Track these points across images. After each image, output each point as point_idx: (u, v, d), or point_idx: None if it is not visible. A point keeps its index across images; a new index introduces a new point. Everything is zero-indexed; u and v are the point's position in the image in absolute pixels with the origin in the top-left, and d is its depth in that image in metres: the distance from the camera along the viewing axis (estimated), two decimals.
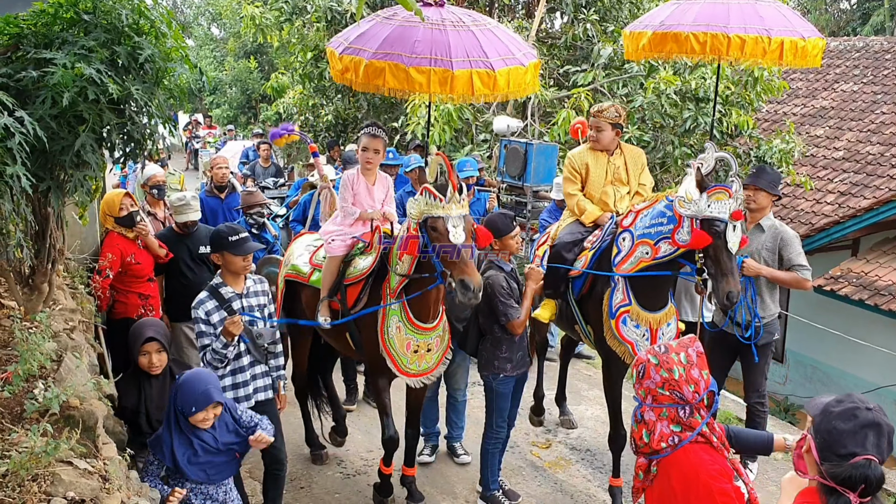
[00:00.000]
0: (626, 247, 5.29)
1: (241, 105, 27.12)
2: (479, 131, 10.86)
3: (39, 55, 3.41)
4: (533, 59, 5.85)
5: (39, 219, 3.94)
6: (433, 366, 5.27)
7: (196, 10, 34.36)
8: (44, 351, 3.62)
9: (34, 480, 2.77)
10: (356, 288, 5.29)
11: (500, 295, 5.12)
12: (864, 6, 29.25)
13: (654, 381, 2.95)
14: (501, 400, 5.43)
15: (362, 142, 5.48)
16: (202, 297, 4.64)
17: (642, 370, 3.00)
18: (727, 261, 4.76)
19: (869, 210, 11.35)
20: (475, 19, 5.80)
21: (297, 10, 12.51)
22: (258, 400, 4.81)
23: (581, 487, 6.07)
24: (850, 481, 2.33)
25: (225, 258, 4.66)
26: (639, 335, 5.32)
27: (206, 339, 4.60)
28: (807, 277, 5.65)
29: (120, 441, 3.85)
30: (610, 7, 11.53)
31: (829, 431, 2.40)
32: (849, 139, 13.89)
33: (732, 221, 4.74)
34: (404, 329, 5.07)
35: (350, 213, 5.46)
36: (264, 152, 13.59)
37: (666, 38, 6.16)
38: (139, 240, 6.09)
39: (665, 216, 5.04)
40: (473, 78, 5.42)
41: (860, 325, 10.73)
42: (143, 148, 3.92)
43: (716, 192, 4.78)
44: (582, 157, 5.91)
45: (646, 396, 2.99)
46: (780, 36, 5.89)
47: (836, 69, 16.40)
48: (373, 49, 5.50)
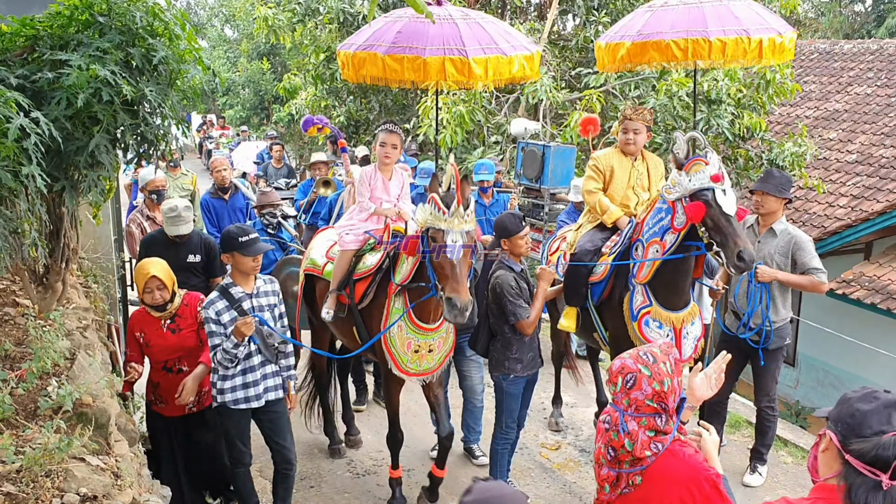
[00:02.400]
0: (640, 255, 5.32)
1: (253, 106, 27.22)
2: (490, 133, 10.86)
3: (55, 57, 3.44)
4: (524, 51, 5.95)
5: (54, 218, 3.99)
6: (434, 367, 5.29)
7: (210, 11, 34.51)
8: (57, 349, 3.66)
9: (48, 476, 2.80)
10: (364, 283, 5.36)
11: (510, 295, 5.10)
12: (878, 8, 29.07)
13: (645, 393, 2.83)
14: (511, 400, 5.43)
15: (380, 137, 5.53)
16: (213, 297, 4.68)
17: (632, 380, 2.86)
18: (727, 224, 4.78)
19: (882, 214, 11.31)
20: (466, 14, 5.96)
21: (309, 11, 12.56)
22: (268, 400, 4.85)
23: (590, 489, 6.07)
24: (879, 461, 2.20)
25: (235, 258, 4.68)
26: (662, 335, 5.30)
27: (217, 338, 4.63)
28: (822, 280, 5.62)
29: (132, 438, 3.88)
30: (622, 10, 11.50)
31: (852, 415, 2.31)
32: (862, 142, 13.81)
33: (717, 185, 4.80)
34: (406, 328, 5.11)
35: (366, 207, 5.53)
36: (277, 153, 13.68)
37: (646, 46, 6.18)
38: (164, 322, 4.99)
39: (662, 210, 5.14)
40: (446, 65, 5.60)
41: (872, 329, 10.68)
42: (156, 148, 3.96)
43: (693, 166, 4.89)
44: (608, 160, 5.88)
45: (629, 406, 2.87)
46: (759, 35, 5.95)
47: (850, 72, 16.30)
48: (360, 42, 5.93)
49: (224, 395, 4.76)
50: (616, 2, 11.49)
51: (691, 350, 5.46)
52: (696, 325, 5.46)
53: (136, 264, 5.47)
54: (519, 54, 5.88)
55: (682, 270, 5.23)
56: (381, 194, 5.56)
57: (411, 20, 5.80)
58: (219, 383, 4.76)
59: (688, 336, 5.38)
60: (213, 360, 4.67)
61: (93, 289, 5.67)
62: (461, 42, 5.68)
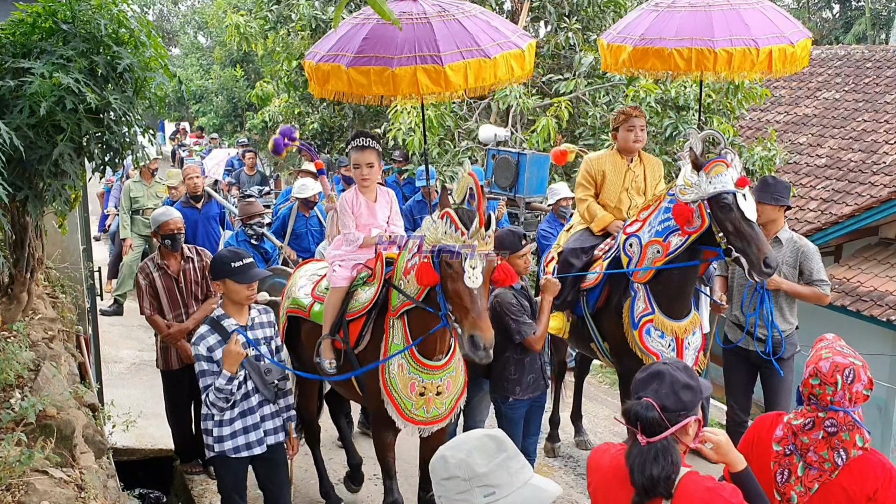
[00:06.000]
0: (636, 252, 5.03)
1: (227, 113, 27.05)
2: (461, 138, 10.86)
3: (17, 64, 3.42)
4: (512, 47, 5.08)
5: (17, 228, 3.94)
6: (445, 413, 4.46)
7: (183, 18, 34.27)
8: (21, 360, 3.62)
9: (8, 490, 2.76)
10: (359, 323, 4.54)
11: (511, 313, 4.74)
12: (846, 15, 29.52)
13: (863, 383, 2.88)
14: (511, 426, 4.95)
15: (352, 158, 4.78)
16: (202, 331, 4.21)
17: (851, 374, 2.87)
18: (750, 229, 4.53)
19: (851, 217, 11.49)
20: (443, 10, 5.06)
21: (281, 18, 12.53)
22: (269, 444, 4.38)
23: (563, 493, 6.07)
24: (628, 418, 2.59)
25: (227, 286, 4.21)
26: (664, 345, 5.06)
27: (208, 378, 4.14)
28: (826, 293, 5.43)
29: (99, 450, 3.84)
30: (593, 16, 11.58)
31: (633, 385, 2.68)
32: (831, 146, 14.01)
33: (739, 189, 4.54)
34: (407, 367, 4.30)
35: (353, 239, 4.74)
36: (249, 160, 13.62)
37: (647, 53, 5.69)
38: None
39: (669, 210, 4.83)
40: (418, 75, 4.73)
41: (843, 331, 10.65)
42: (122, 157, 3.93)
43: (713, 167, 4.60)
44: (600, 164, 5.62)
45: (851, 401, 2.86)
46: (769, 45, 5.48)
47: (819, 77, 16.54)
48: (324, 52, 5.02)
49: (223, 442, 4.25)
50: (587, 8, 11.54)
51: (692, 362, 5.16)
52: (697, 335, 5.21)
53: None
54: (505, 53, 5.02)
55: (690, 276, 5.00)
56: (368, 221, 4.80)
57: (379, 22, 4.93)
58: (215, 430, 4.24)
59: (689, 347, 5.13)
60: (205, 404, 4.19)
61: (60, 299, 5.59)
62: (435, 47, 4.82)
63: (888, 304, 10.46)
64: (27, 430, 3.14)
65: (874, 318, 10.30)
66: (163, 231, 5.73)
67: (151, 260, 5.79)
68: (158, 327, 5.69)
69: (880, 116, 14.12)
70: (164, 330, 5.65)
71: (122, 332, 9.61)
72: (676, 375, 2.58)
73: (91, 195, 9.91)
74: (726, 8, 5.61)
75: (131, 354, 8.85)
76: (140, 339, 9.25)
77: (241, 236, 7.63)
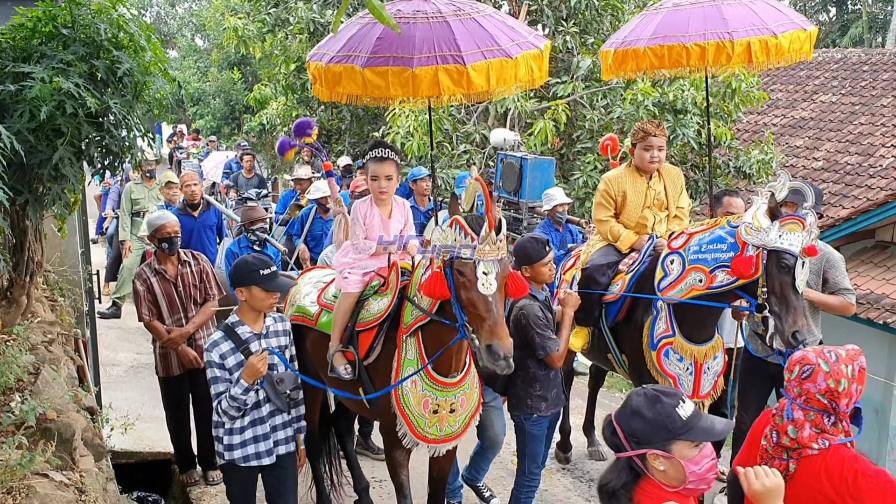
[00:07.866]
0: (676, 271, 4.77)
1: (224, 116, 27.09)
2: (459, 142, 10.88)
3: (17, 69, 3.42)
4: (531, 48, 4.98)
5: (17, 232, 3.94)
6: (458, 431, 4.34)
7: (180, 21, 34.31)
8: (21, 364, 3.63)
9: (9, 493, 2.77)
10: (369, 335, 4.39)
11: (538, 326, 4.58)
12: (843, 18, 29.62)
13: (818, 387, 2.92)
14: (535, 443, 4.88)
15: (370, 169, 4.54)
16: (216, 337, 4.14)
17: (809, 371, 2.95)
18: (794, 298, 4.28)
19: (847, 220, 11.51)
20: (458, 9, 4.96)
21: (279, 21, 12.57)
22: (279, 455, 4.31)
23: (562, 497, 6.08)
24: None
25: (252, 293, 4.09)
26: (682, 369, 4.88)
27: (221, 385, 4.07)
28: (852, 302, 5.28)
29: (99, 453, 3.85)
30: (591, 20, 11.64)
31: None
32: (828, 149, 14.04)
33: (803, 257, 4.28)
34: (421, 384, 4.16)
35: (364, 248, 4.54)
36: (247, 163, 13.63)
37: (626, 55, 5.77)
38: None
39: (725, 242, 4.52)
40: (440, 75, 4.62)
41: (838, 334, 10.77)
42: (121, 161, 3.94)
43: (788, 223, 4.28)
44: (620, 184, 5.37)
45: (799, 395, 2.97)
46: (745, 38, 5.40)
47: (816, 80, 16.60)
48: (334, 52, 4.88)
49: (233, 451, 4.19)
50: (585, 12, 11.59)
51: (710, 387, 5.02)
52: (718, 360, 5.01)
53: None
54: (525, 53, 4.92)
55: (717, 308, 4.82)
56: (378, 233, 4.59)
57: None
58: (226, 438, 4.18)
59: (708, 371, 4.94)
60: (217, 411, 4.12)
61: (59, 302, 5.59)
62: (456, 46, 4.67)
63: (885, 307, 10.48)
64: (28, 433, 3.15)
65: (871, 320, 10.32)
66: (159, 234, 5.66)
67: (148, 265, 5.71)
68: (157, 333, 5.64)
69: (877, 119, 14.17)
70: (164, 336, 5.60)
71: (120, 335, 9.62)
72: (636, 401, 2.55)
73: (89, 198, 9.90)
74: (707, 4, 5.64)
75: (129, 357, 8.86)
76: (138, 343, 9.24)
77: (243, 242, 7.50)
